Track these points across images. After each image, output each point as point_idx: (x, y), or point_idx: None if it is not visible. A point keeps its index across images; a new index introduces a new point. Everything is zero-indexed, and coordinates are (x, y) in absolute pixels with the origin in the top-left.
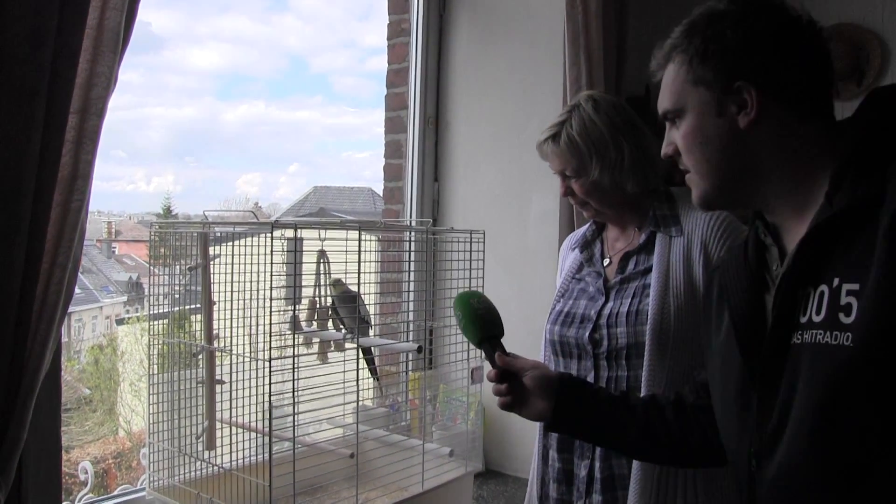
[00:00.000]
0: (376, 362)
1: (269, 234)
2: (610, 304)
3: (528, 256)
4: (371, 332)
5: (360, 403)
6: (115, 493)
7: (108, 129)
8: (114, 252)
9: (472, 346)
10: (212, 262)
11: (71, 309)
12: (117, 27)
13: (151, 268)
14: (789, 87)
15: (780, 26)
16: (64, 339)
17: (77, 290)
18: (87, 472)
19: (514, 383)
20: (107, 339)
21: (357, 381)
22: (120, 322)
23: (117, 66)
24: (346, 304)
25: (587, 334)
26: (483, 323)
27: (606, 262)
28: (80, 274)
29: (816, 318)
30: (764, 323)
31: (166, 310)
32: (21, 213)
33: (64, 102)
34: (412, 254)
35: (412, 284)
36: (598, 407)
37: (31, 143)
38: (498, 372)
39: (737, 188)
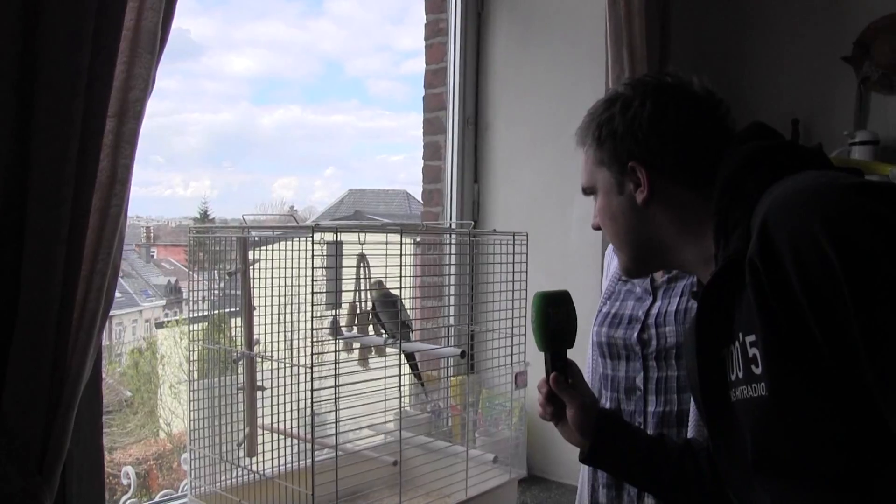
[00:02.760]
0: (419, 367)
1: (308, 238)
2: (658, 304)
3: (570, 259)
4: (412, 336)
5: (403, 409)
6: (157, 498)
7: (146, 134)
8: (152, 256)
9: (514, 352)
10: (251, 267)
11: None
12: (154, 28)
13: (190, 272)
14: (673, 163)
15: (662, 107)
16: (105, 342)
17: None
18: (129, 477)
19: (557, 407)
20: (146, 343)
21: (399, 386)
22: (159, 325)
23: (155, 67)
24: (387, 308)
25: (635, 335)
26: (553, 336)
27: None
28: (121, 279)
29: (740, 375)
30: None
31: (205, 314)
32: (60, 220)
33: (101, 106)
34: (452, 256)
35: (453, 288)
36: (635, 449)
37: (69, 148)
38: (547, 391)
39: (650, 256)
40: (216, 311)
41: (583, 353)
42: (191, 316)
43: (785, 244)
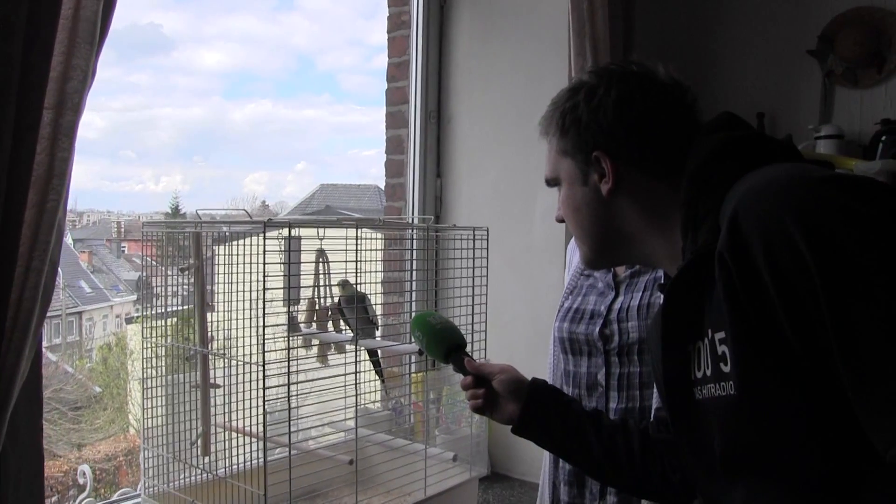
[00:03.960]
0: (361, 363)
1: (271, 234)
2: (620, 299)
3: (533, 254)
4: (377, 334)
5: (362, 407)
6: (114, 498)
7: (117, 129)
8: (123, 251)
9: (475, 348)
10: (207, 263)
11: (82, 308)
12: (94, 17)
13: (143, 267)
14: (639, 153)
15: (627, 95)
16: (75, 338)
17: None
18: (85, 476)
19: (485, 388)
20: (115, 338)
21: (356, 384)
22: (129, 321)
23: (95, 58)
24: (353, 301)
25: (597, 330)
26: (445, 335)
27: None
28: (91, 273)
29: (708, 373)
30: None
31: (162, 311)
32: None
33: (37, 97)
34: (414, 252)
35: (415, 283)
36: (567, 417)
37: (2, 141)
38: (472, 378)
39: (613, 249)
40: (173, 308)
41: (543, 352)
42: (143, 312)
43: (756, 238)
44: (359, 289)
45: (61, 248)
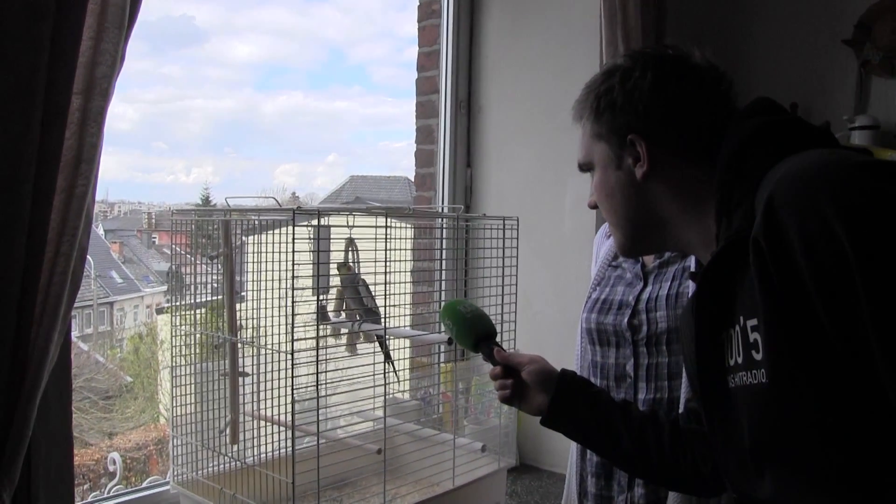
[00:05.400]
0: (396, 352)
1: (304, 222)
2: (649, 289)
3: (563, 244)
4: (386, 322)
5: (391, 396)
6: (143, 485)
7: (149, 121)
8: (154, 242)
9: (505, 339)
10: (237, 252)
11: (113, 298)
12: (122, 2)
13: (171, 257)
14: (675, 137)
15: (662, 78)
16: (106, 328)
17: (119, 280)
18: (115, 464)
19: (514, 378)
20: (147, 328)
21: (385, 373)
22: (160, 311)
23: (124, 43)
24: (351, 293)
25: (625, 320)
26: (475, 324)
27: None
28: (121, 264)
29: (739, 360)
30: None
31: (193, 300)
32: (21, 200)
33: (66, 82)
34: (444, 241)
35: (444, 273)
36: (596, 408)
37: (31, 126)
38: (501, 368)
39: (647, 235)
40: (202, 298)
41: (570, 343)
42: (173, 301)
43: (792, 224)
44: (385, 277)
45: (90, 235)
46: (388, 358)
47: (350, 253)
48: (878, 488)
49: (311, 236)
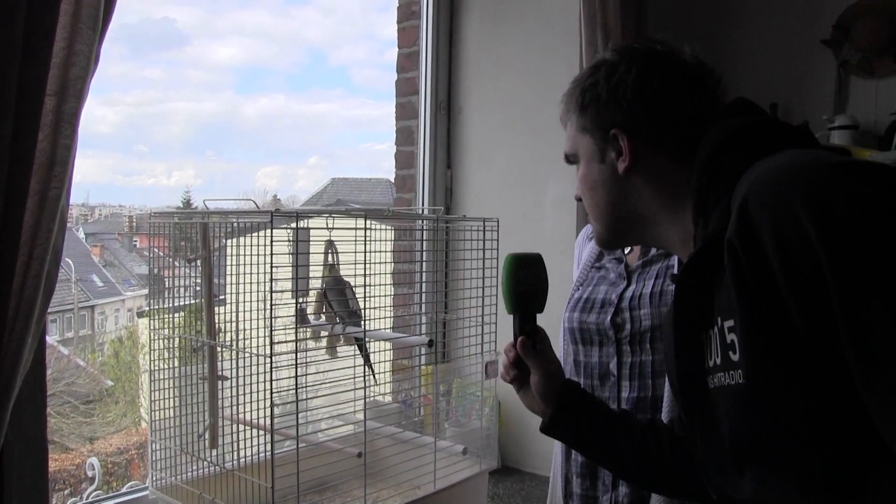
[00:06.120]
0: (372, 355)
1: (279, 225)
2: (632, 287)
3: (544, 245)
4: (366, 325)
5: (371, 399)
6: (122, 490)
7: (130, 124)
8: (135, 245)
9: (485, 341)
10: (216, 255)
11: (94, 302)
12: (96, 3)
13: (150, 261)
14: (657, 133)
15: (647, 74)
16: (87, 331)
17: (100, 284)
18: (94, 469)
19: (522, 372)
20: (127, 332)
21: (364, 376)
22: (141, 315)
23: (98, 44)
24: (336, 295)
25: (608, 319)
26: (517, 298)
27: (627, 249)
28: (102, 268)
29: (718, 361)
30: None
31: (172, 304)
32: None
33: (39, 83)
34: (424, 243)
35: (424, 275)
36: (597, 421)
37: (3, 128)
38: (514, 356)
39: (627, 229)
40: (182, 301)
41: (553, 343)
42: (152, 304)
43: (765, 224)
44: (364, 280)
45: (65, 238)
46: (367, 361)
47: (330, 255)
48: (857, 487)
49: (291, 238)
